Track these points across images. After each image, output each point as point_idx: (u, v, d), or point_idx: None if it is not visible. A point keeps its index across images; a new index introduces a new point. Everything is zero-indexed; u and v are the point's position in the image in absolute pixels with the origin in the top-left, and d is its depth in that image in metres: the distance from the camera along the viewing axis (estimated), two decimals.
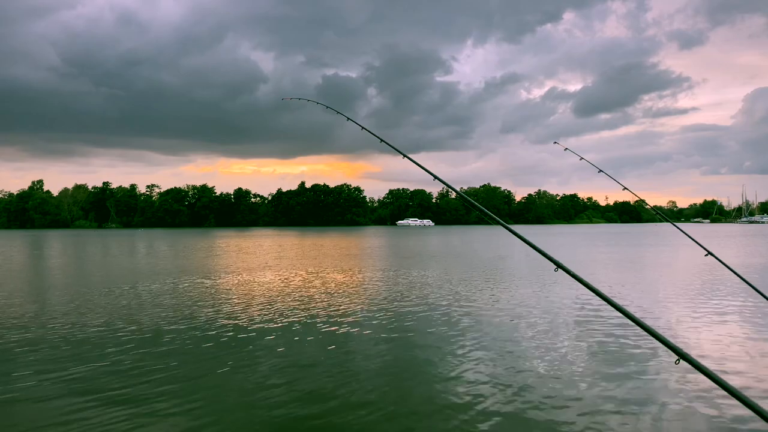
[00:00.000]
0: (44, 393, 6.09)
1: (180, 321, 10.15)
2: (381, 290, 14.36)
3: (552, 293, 13.36)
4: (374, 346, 8.23)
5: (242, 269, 20.52)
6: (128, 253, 33.45)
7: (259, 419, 5.38)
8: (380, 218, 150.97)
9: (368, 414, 5.49)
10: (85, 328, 9.49)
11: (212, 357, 7.64)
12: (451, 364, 7.23)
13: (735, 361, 7.30)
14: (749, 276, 5.29)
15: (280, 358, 7.60)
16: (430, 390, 6.18)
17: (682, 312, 10.99)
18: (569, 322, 9.86)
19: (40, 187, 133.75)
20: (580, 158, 5.78)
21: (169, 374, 6.78)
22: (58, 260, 28.03)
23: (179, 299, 12.86)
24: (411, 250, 33.44)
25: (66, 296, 13.53)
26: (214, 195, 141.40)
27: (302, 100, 6.69)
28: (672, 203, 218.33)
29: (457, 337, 8.77)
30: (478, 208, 3.19)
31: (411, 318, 10.36)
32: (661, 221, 8.60)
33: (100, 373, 6.82)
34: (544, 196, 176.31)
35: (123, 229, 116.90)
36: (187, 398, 5.90)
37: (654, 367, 6.94)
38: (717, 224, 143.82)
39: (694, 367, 2.03)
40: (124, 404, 5.68)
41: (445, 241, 47.78)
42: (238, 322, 9.97)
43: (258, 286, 15.47)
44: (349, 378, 6.64)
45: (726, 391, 1.93)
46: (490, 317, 10.43)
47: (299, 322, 9.98)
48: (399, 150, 3.95)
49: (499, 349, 7.98)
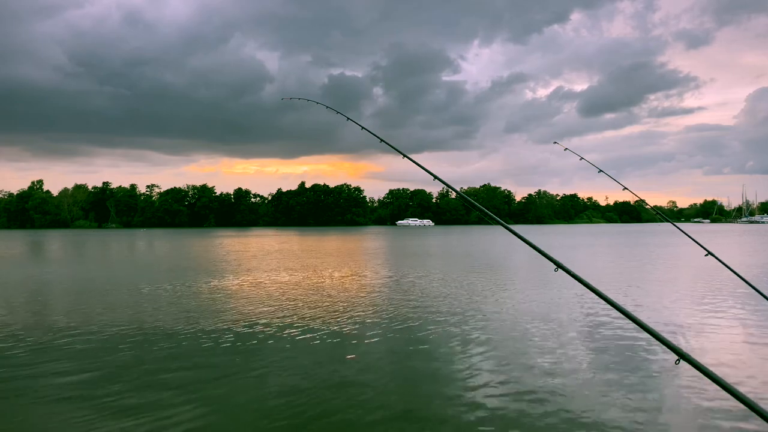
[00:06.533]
0: (45, 395, 6.10)
1: (181, 322, 10.16)
2: (382, 291, 14.37)
3: (552, 293, 13.35)
4: (378, 347, 8.24)
5: (246, 269, 20.51)
6: (145, 253, 33.44)
7: (264, 423, 5.39)
8: (380, 218, 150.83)
9: (371, 414, 5.50)
10: (109, 329, 9.50)
11: (218, 359, 7.64)
12: (453, 364, 7.24)
13: (735, 361, 7.30)
14: (749, 276, 5.30)
15: (286, 359, 7.61)
16: (430, 389, 6.19)
17: (682, 312, 10.99)
18: (569, 322, 9.86)
19: (40, 187, 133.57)
20: (580, 158, 5.78)
21: (176, 376, 6.79)
22: (71, 261, 28.02)
23: (185, 301, 12.87)
24: (411, 250, 33.42)
25: (94, 298, 13.50)
26: (214, 195, 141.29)
27: (302, 100, 6.59)
28: (672, 203, 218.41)
29: (458, 337, 8.77)
30: (478, 208, 3.19)
31: (412, 319, 10.36)
32: (661, 221, 8.70)
33: (106, 373, 6.83)
34: (544, 196, 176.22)
35: (123, 229, 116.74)
36: (191, 400, 5.90)
37: (654, 367, 6.94)
38: (717, 224, 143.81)
39: (694, 367, 2.03)
40: (130, 406, 5.69)
41: (445, 241, 47.76)
42: (249, 323, 9.97)
43: (260, 286, 15.47)
44: (355, 382, 6.64)
45: (726, 391, 1.93)
46: (491, 317, 10.42)
47: (302, 324, 9.98)
48: (399, 150, 3.95)
49: (499, 349, 7.99)
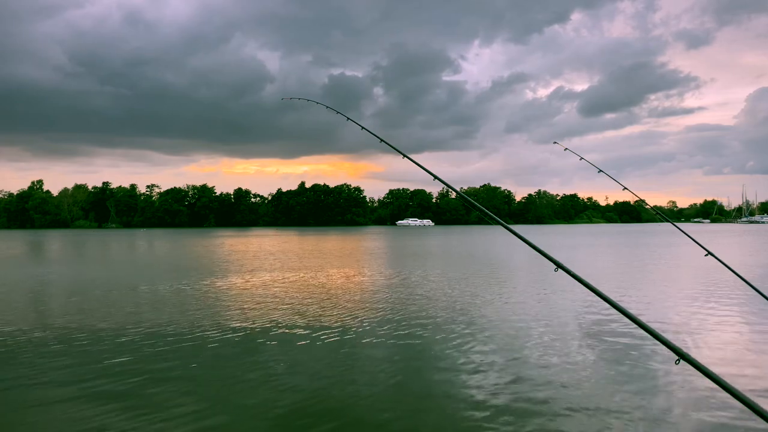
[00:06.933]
0: (45, 395, 6.09)
1: (182, 322, 10.16)
2: (383, 291, 14.37)
3: (552, 293, 13.35)
4: (380, 348, 8.24)
5: (246, 270, 20.51)
6: (146, 253, 33.45)
7: (265, 423, 5.39)
8: (380, 218, 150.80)
9: (373, 415, 5.50)
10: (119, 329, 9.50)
11: (220, 360, 7.64)
12: (453, 364, 7.23)
13: (735, 361, 7.30)
14: (749, 276, 5.30)
15: (288, 360, 7.61)
16: (431, 389, 6.19)
17: (682, 312, 10.99)
18: (569, 322, 9.86)
19: (40, 187, 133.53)
20: (580, 158, 5.78)
21: (176, 376, 6.79)
22: (72, 262, 28.02)
23: (185, 301, 12.87)
24: (411, 251, 33.41)
25: (103, 297, 13.51)
26: (214, 195, 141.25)
27: (302, 100, 6.57)
28: (672, 203, 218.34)
29: (459, 337, 8.77)
30: (477, 208, 3.18)
31: (413, 320, 10.35)
32: (661, 221, 8.69)
33: (107, 373, 6.83)
34: (544, 196, 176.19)
35: (123, 229, 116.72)
36: (193, 401, 5.91)
37: (654, 367, 6.94)
38: (717, 224, 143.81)
39: (694, 367, 2.03)
40: (131, 406, 5.69)
41: (445, 241, 47.75)
42: (250, 323, 9.97)
43: (261, 286, 15.46)
44: (356, 382, 6.64)
45: (726, 391, 1.93)
46: (491, 317, 10.42)
47: (304, 324, 9.98)
48: (399, 150, 3.94)
49: (499, 349, 7.99)
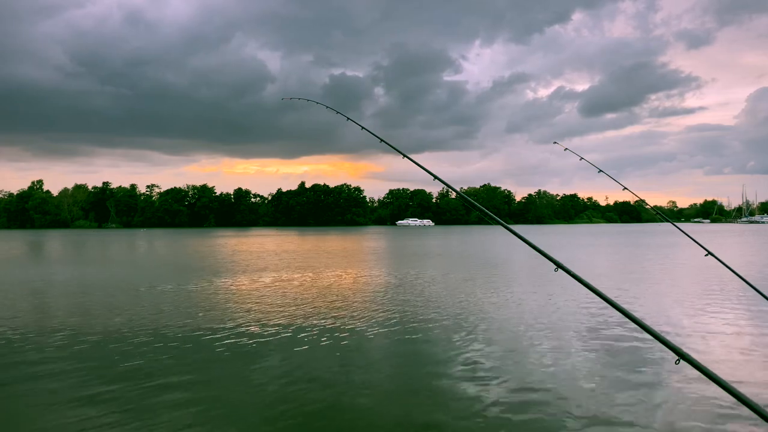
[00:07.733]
0: (46, 395, 6.10)
1: (182, 323, 10.16)
2: (383, 291, 14.38)
3: (552, 293, 13.35)
4: (381, 348, 8.25)
5: (246, 270, 20.51)
6: (146, 253, 33.45)
7: (266, 423, 5.39)
8: (380, 218, 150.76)
9: (374, 415, 5.50)
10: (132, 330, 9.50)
11: (221, 360, 7.64)
12: (453, 363, 7.24)
13: (735, 361, 7.30)
14: (749, 276, 5.29)
15: (289, 360, 7.62)
16: (431, 389, 6.20)
17: (682, 312, 10.99)
18: (569, 322, 9.86)
19: (40, 187, 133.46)
20: (580, 158, 5.77)
21: (177, 376, 6.79)
22: (72, 262, 28.02)
23: (186, 301, 12.88)
24: (411, 251, 33.41)
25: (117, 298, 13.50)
26: (214, 195, 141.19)
27: (302, 100, 6.56)
28: (672, 203, 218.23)
29: (460, 337, 8.78)
30: (477, 208, 3.18)
31: (414, 319, 10.36)
32: (661, 221, 8.69)
33: (107, 373, 6.84)
34: (544, 196, 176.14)
35: (123, 229, 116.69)
36: (194, 401, 5.91)
37: (654, 367, 6.94)
38: (717, 224, 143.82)
39: (694, 367, 2.03)
40: (132, 407, 5.69)
41: (446, 241, 47.75)
42: (250, 324, 9.97)
43: (261, 286, 15.47)
44: (357, 382, 6.64)
45: (726, 391, 1.93)
46: (492, 317, 10.42)
47: (304, 324, 9.99)
48: (399, 150, 3.94)
49: (500, 349, 7.99)
